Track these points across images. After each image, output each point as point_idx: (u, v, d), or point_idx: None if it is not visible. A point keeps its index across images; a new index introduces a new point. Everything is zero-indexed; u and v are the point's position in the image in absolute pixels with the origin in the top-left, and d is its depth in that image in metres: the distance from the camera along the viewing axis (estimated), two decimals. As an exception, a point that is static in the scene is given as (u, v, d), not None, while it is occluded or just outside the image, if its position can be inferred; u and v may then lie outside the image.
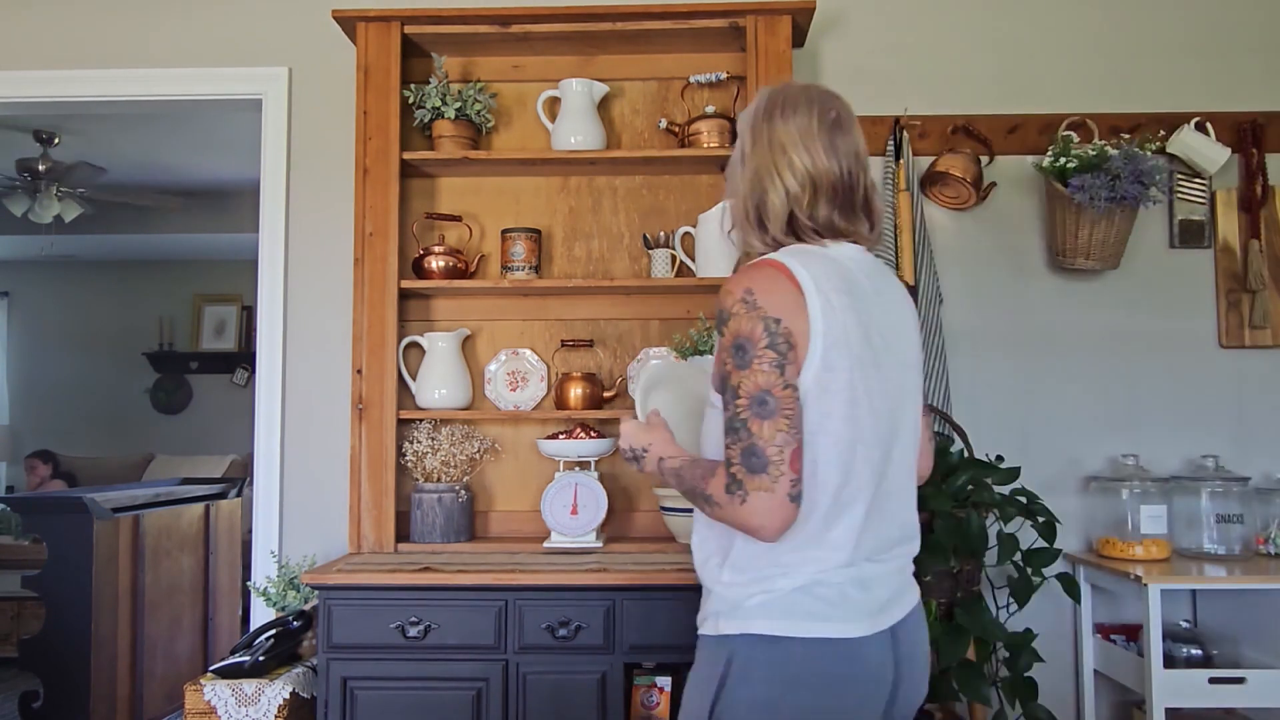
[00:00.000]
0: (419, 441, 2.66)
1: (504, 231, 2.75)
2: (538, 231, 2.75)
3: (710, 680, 1.46)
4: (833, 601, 1.43)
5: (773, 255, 1.47)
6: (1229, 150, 2.82)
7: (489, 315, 2.85)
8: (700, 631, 1.53)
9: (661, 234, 2.80)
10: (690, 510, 2.56)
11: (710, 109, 2.74)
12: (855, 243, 1.52)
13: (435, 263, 2.70)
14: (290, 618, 2.45)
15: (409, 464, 2.66)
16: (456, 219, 2.80)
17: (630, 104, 2.88)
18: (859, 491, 1.44)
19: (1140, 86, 2.94)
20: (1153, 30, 2.96)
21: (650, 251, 2.76)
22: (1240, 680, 2.37)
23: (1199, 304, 2.90)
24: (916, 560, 1.60)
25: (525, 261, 2.71)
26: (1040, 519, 2.52)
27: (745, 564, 1.47)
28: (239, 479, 4.54)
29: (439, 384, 2.68)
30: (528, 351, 2.83)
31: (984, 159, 2.88)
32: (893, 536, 1.52)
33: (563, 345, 2.82)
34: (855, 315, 1.44)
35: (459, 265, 2.72)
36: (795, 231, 1.50)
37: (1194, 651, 2.60)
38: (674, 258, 2.76)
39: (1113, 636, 2.71)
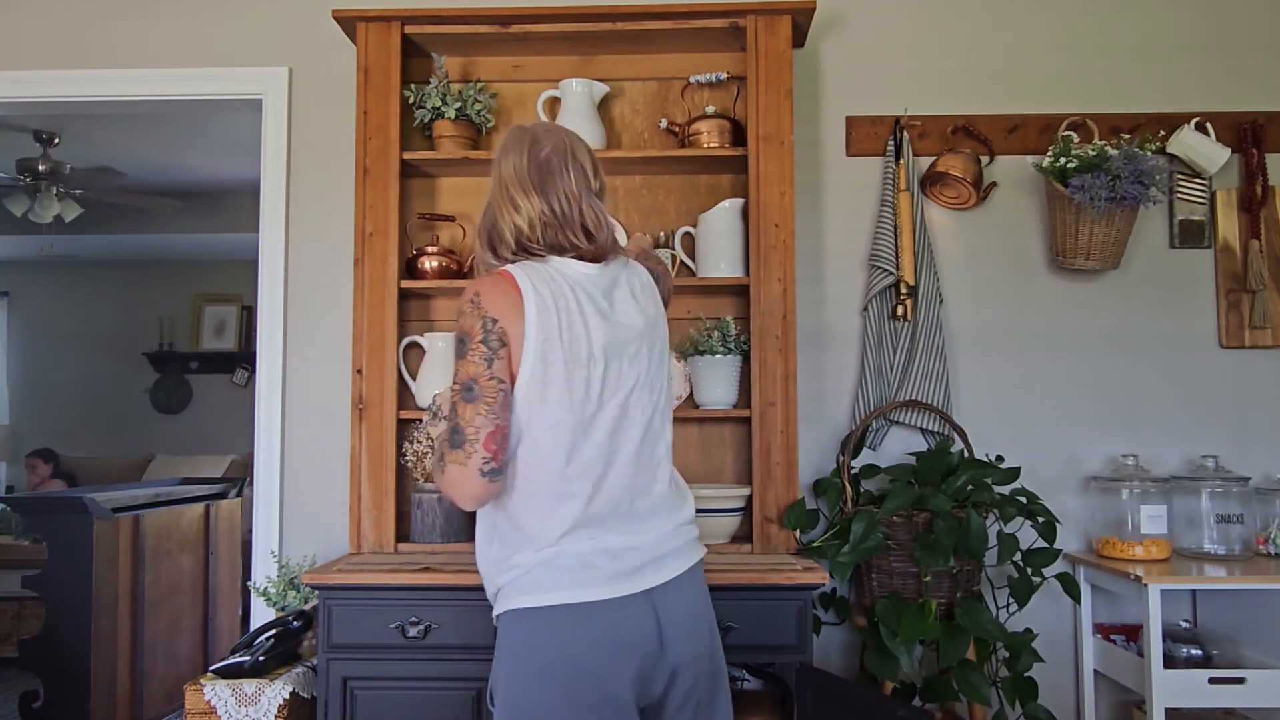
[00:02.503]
0: (419, 441, 2.66)
1: None
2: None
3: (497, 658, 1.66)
4: (573, 570, 1.60)
5: (504, 267, 1.69)
6: (1229, 150, 2.82)
7: (489, 315, 2.84)
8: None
9: (661, 234, 2.80)
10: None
11: (710, 109, 2.74)
12: (579, 258, 1.71)
13: (429, 263, 2.70)
14: (290, 618, 2.45)
15: (409, 464, 2.66)
16: (450, 219, 2.80)
17: (630, 104, 2.88)
18: (586, 470, 1.63)
19: (1140, 86, 2.94)
20: (1153, 30, 2.96)
21: (650, 251, 2.76)
22: (1240, 680, 2.37)
23: (1199, 304, 2.90)
24: (916, 560, 1.62)
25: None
26: (1040, 519, 2.52)
27: (501, 544, 1.66)
28: (239, 479, 4.54)
29: (439, 384, 2.68)
30: (528, 351, 2.82)
31: (984, 159, 2.88)
32: (640, 509, 1.69)
33: (563, 345, 2.81)
34: (569, 319, 1.64)
35: (452, 265, 2.72)
36: (525, 250, 1.71)
37: (1194, 651, 2.59)
38: (674, 258, 2.76)
39: (1113, 636, 2.71)
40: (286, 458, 2.93)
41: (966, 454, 2.66)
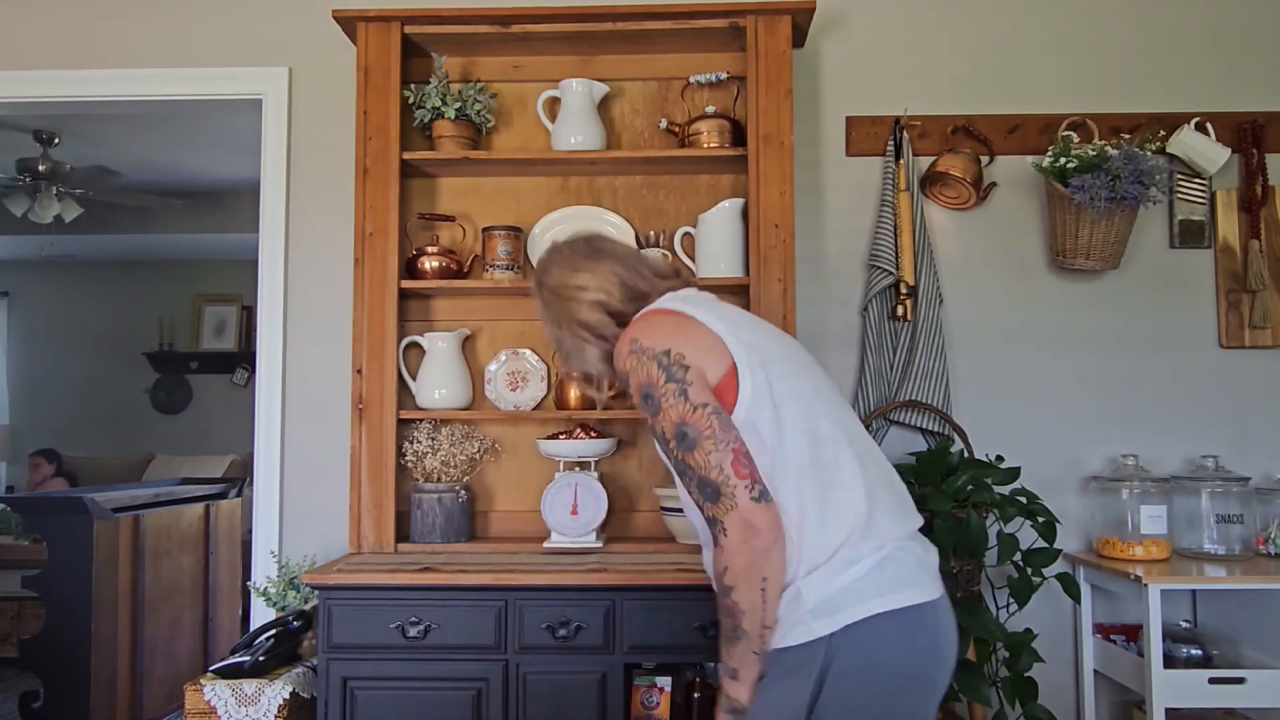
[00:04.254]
0: (419, 441, 2.66)
1: (485, 229, 2.74)
2: (519, 229, 2.74)
3: (806, 684, 1.45)
4: (898, 573, 1.48)
5: (635, 318, 1.58)
6: (1229, 150, 2.82)
7: (489, 315, 2.85)
8: (783, 645, 1.48)
9: (661, 234, 2.80)
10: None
11: (710, 109, 2.74)
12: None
13: (429, 263, 2.70)
14: (290, 618, 2.45)
15: (409, 464, 2.66)
16: (450, 219, 2.80)
17: (630, 104, 2.88)
18: (843, 473, 1.49)
19: (1140, 86, 2.94)
20: (1153, 30, 2.96)
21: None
22: (1240, 680, 2.37)
23: (1199, 304, 2.90)
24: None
25: (511, 260, 2.70)
26: (1040, 519, 2.52)
27: (793, 572, 1.48)
28: (239, 479, 4.54)
29: (439, 384, 2.68)
30: (528, 352, 2.82)
31: (984, 159, 2.88)
32: (906, 510, 1.57)
33: (563, 345, 2.81)
34: (738, 329, 1.52)
35: (452, 265, 2.72)
36: (618, 317, 1.62)
37: (1194, 651, 2.59)
38: (674, 258, 2.76)
39: (1113, 636, 2.71)
40: (286, 458, 2.93)
41: (966, 454, 2.66)
